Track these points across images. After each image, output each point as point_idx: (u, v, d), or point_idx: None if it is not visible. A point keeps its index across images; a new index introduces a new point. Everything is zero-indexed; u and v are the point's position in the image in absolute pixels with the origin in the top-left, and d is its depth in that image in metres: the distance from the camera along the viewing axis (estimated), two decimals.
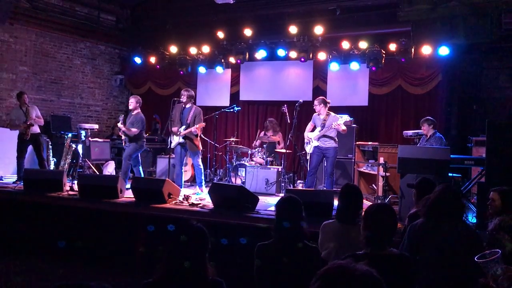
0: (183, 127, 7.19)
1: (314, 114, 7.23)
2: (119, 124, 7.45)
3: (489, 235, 2.97)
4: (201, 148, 7.47)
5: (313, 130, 7.21)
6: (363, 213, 2.62)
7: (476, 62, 8.66)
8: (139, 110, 7.63)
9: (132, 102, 7.61)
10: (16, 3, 8.91)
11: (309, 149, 7.19)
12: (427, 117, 7.08)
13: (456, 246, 2.67)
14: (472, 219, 5.45)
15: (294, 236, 2.94)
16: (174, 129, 7.24)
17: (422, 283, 2.78)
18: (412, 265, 2.47)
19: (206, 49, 10.01)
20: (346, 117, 7.06)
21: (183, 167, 7.50)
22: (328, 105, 7.17)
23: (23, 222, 6.14)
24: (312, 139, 7.11)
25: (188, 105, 7.31)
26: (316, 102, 7.13)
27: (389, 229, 2.49)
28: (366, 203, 4.26)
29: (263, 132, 9.26)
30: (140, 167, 7.64)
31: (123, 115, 7.74)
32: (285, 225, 2.91)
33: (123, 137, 7.57)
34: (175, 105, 7.32)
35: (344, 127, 6.90)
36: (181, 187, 6.80)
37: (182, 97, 7.28)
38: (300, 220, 3.00)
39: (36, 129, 7.90)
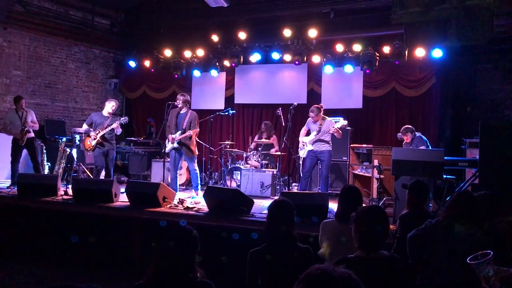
0: (179, 132, 7.17)
1: (309, 118, 7.24)
2: None
3: None
4: (197, 153, 7.47)
5: (307, 135, 7.22)
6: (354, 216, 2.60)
7: (469, 64, 8.72)
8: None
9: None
10: (10, 7, 8.87)
11: (303, 153, 7.20)
12: (407, 126, 7.20)
13: (468, 249, 2.65)
14: None
15: (285, 239, 2.92)
16: (170, 136, 7.23)
17: (430, 285, 2.77)
18: (403, 267, 2.47)
19: (200, 52, 10.01)
20: (342, 121, 7.09)
21: (178, 171, 7.49)
22: (322, 110, 7.20)
23: (17, 227, 6.12)
24: (307, 143, 7.12)
25: (183, 110, 7.28)
26: (312, 114, 7.14)
27: (381, 232, 2.48)
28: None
29: (257, 136, 9.26)
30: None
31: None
32: (276, 228, 2.90)
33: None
34: (170, 110, 7.30)
35: (340, 132, 6.95)
36: (176, 191, 6.79)
37: (177, 101, 7.25)
38: (292, 223, 2.98)
39: (30, 133, 7.86)
